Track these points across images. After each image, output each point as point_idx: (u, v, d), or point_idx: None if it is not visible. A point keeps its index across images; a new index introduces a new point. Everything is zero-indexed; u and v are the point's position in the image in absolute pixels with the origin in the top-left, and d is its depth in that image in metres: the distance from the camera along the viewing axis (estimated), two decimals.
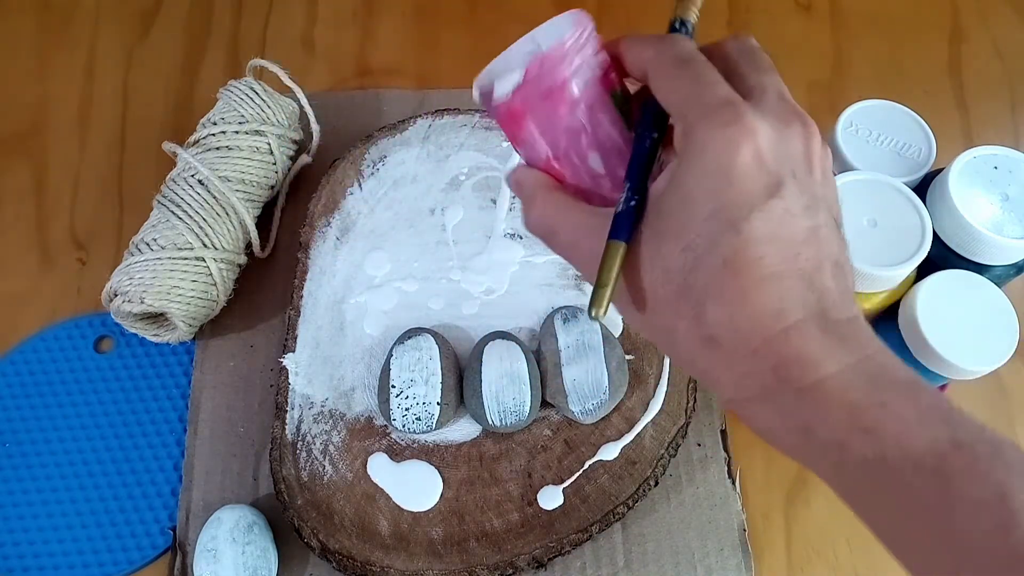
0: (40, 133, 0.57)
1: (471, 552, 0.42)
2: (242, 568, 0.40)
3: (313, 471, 0.44)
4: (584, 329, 0.46)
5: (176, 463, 0.46)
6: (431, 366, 0.44)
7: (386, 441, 0.45)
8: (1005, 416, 0.49)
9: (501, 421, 0.44)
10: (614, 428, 0.45)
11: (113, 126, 0.57)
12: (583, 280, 0.31)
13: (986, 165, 0.39)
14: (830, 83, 0.61)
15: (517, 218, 0.52)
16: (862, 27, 0.64)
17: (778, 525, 0.45)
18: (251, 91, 0.50)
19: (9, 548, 0.43)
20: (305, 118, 0.53)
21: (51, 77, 0.59)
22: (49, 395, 0.47)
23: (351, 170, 0.53)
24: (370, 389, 0.46)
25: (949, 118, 0.60)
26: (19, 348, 0.49)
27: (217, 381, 0.48)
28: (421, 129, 0.54)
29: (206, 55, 0.61)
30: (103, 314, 0.49)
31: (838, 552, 0.44)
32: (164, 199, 0.47)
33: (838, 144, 0.42)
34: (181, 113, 0.58)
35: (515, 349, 0.45)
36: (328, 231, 0.51)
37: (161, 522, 0.44)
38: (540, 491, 0.44)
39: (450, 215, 0.52)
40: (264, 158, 0.49)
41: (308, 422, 0.45)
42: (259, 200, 0.50)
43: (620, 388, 0.45)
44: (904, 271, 0.37)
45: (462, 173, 0.53)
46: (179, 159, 0.48)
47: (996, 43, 0.64)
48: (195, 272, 0.45)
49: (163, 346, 0.48)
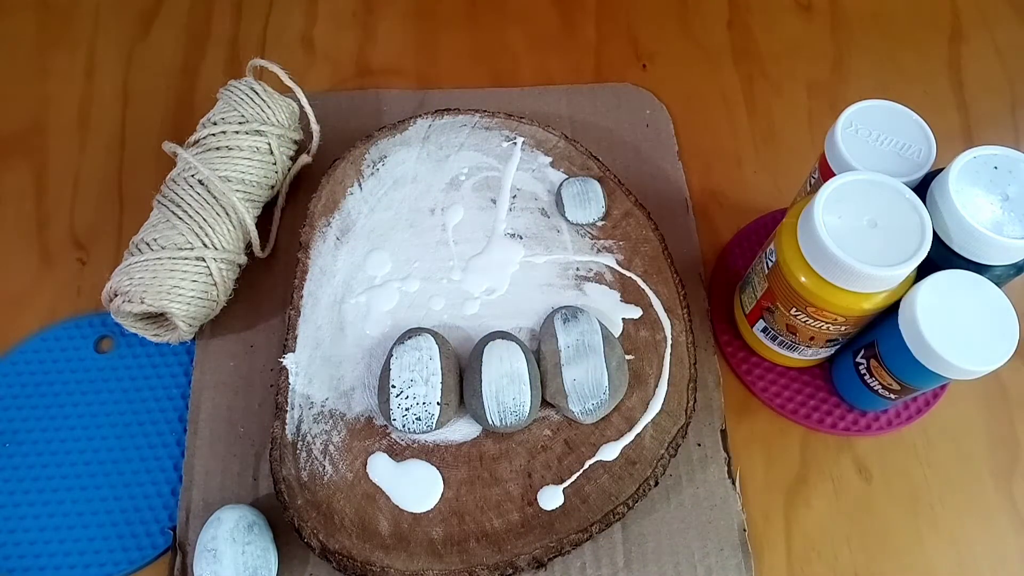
0: (40, 133, 0.57)
1: (471, 552, 0.42)
2: (242, 568, 0.40)
3: (313, 471, 0.44)
4: (584, 329, 0.46)
5: (176, 463, 0.46)
6: (431, 366, 0.45)
7: (386, 441, 0.45)
8: (1005, 416, 0.49)
9: (501, 421, 0.44)
10: (614, 428, 0.45)
11: (113, 126, 0.57)
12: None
13: (986, 165, 0.39)
14: (830, 83, 0.61)
15: (517, 218, 0.52)
16: (862, 27, 0.64)
17: (778, 525, 0.45)
18: (251, 91, 0.50)
19: (9, 548, 0.43)
20: (305, 118, 0.53)
21: (51, 77, 0.59)
22: (49, 395, 0.47)
23: (351, 170, 0.53)
24: (370, 389, 0.46)
25: (949, 118, 0.60)
26: (19, 348, 0.49)
27: (217, 381, 0.48)
28: (421, 129, 0.54)
29: (206, 55, 0.61)
30: (103, 314, 0.49)
31: (838, 552, 0.44)
32: (164, 199, 0.47)
33: (838, 144, 0.42)
34: (181, 113, 0.58)
35: (515, 349, 0.45)
36: (328, 231, 0.51)
37: (161, 522, 0.44)
38: (540, 491, 0.44)
39: (450, 215, 0.52)
40: (264, 158, 0.50)
41: (308, 422, 0.45)
42: (259, 200, 0.50)
43: (620, 388, 0.45)
44: (904, 271, 0.37)
45: (462, 173, 0.53)
46: (179, 159, 0.48)
47: (996, 43, 0.64)
48: (195, 272, 0.45)
49: (163, 346, 0.48)
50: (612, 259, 0.50)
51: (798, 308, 0.41)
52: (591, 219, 0.51)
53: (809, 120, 0.60)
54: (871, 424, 0.47)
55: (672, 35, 0.63)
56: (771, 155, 0.58)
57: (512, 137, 0.54)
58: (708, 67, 0.62)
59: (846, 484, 0.46)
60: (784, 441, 0.48)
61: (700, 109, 0.60)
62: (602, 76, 0.61)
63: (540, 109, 0.58)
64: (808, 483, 0.46)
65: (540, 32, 0.63)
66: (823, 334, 0.42)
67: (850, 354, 0.45)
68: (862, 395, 0.45)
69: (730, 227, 0.54)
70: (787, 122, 0.59)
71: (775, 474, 0.47)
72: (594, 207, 0.51)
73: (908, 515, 0.46)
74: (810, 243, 0.38)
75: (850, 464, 0.47)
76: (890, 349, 0.41)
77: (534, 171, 0.54)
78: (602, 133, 0.58)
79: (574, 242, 0.51)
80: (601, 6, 0.65)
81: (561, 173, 0.53)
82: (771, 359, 0.48)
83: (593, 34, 0.63)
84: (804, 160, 0.57)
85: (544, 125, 0.55)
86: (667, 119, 0.59)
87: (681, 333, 0.47)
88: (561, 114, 0.58)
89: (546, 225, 0.52)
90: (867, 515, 0.45)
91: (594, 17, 0.64)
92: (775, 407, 0.48)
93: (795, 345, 0.45)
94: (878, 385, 0.43)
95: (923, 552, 0.45)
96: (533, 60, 0.62)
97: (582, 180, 0.52)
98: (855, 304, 0.39)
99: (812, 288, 0.39)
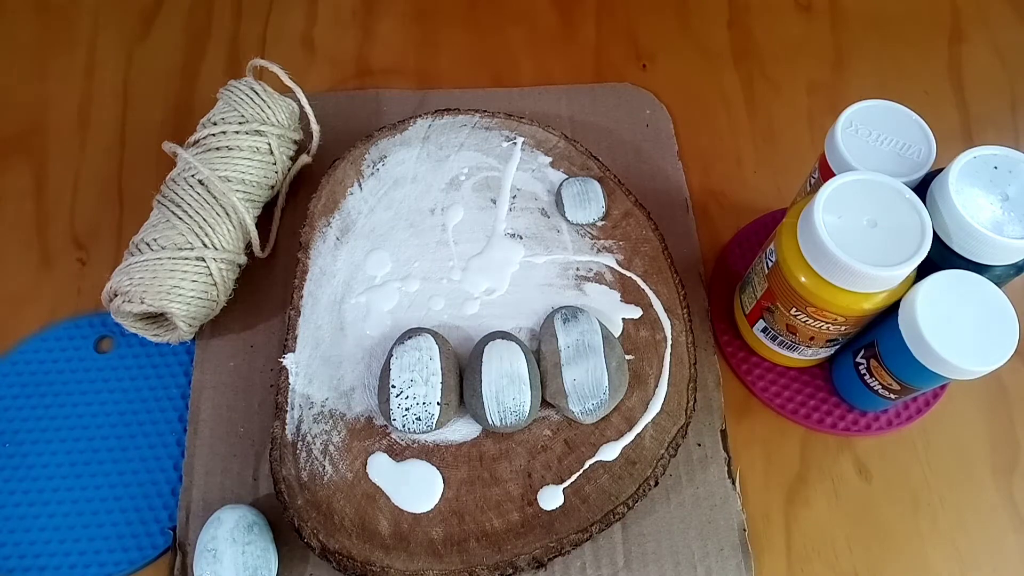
0: (40, 133, 0.57)
1: (471, 552, 0.42)
2: (242, 568, 0.40)
3: (313, 471, 0.44)
4: (584, 329, 0.46)
5: (176, 463, 0.46)
6: (431, 366, 0.44)
7: (386, 441, 0.45)
8: (1005, 416, 0.49)
9: (501, 421, 0.44)
10: (614, 428, 0.45)
11: (113, 126, 0.57)
12: None
13: (986, 165, 0.39)
14: (830, 83, 0.61)
15: (517, 218, 0.52)
16: (862, 27, 0.64)
17: (778, 525, 0.45)
18: (251, 91, 0.50)
19: (9, 548, 0.43)
20: (305, 118, 0.53)
21: (51, 77, 0.59)
22: (49, 395, 0.47)
23: (351, 170, 0.53)
24: (370, 389, 0.46)
25: (949, 118, 0.60)
26: (19, 348, 0.49)
27: (217, 381, 0.48)
28: (421, 129, 0.54)
29: (206, 55, 0.61)
30: (103, 314, 0.49)
31: (838, 552, 0.44)
32: (164, 199, 0.47)
33: (838, 144, 0.42)
34: (181, 113, 0.58)
35: (515, 349, 0.45)
36: (328, 231, 0.51)
37: (161, 522, 0.44)
38: (540, 491, 0.44)
39: (450, 215, 0.52)
40: (264, 158, 0.50)
41: (308, 422, 0.45)
42: (259, 200, 0.50)
43: (620, 388, 0.45)
44: (904, 271, 0.37)
45: (462, 173, 0.53)
46: (179, 159, 0.48)
47: (996, 43, 0.64)
48: (195, 272, 0.45)
49: (163, 346, 0.48)
50: (612, 259, 0.50)
51: (798, 308, 0.41)
52: (591, 219, 0.51)
53: (809, 120, 0.60)
54: (871, 424, 0.47)
55: (672, 35, 0.63)
56: (771, 155, 0.58)
57: (512, 137, 0.54)
58: (708, 67, 0.62)
59: (846, 484, 0.46)
60: (784, 441, 0.48)
61: (700, 109, 0.60)
62: (602, 76, 0.61)
63: (540, 109, 0.58)
64: (808, 483, 0.46)
65: (540, 32, 0.63)
66: (823, 334, 0.42)
67: (850, 354, 0.45)
68: (862, 395, 0.45)
69: (730, 227, 0.54)
70: (787, 122, 0.59)
71: (775, 474, 0.47)
72: (594, 207, 0.51)
73: (908, 515, 0.46)
74: (810, 243, 0.38)
75: (850, 464, 0.47)
76: (890, 349, 0.41)
77: (534, 171, 0.54)
78: (602, 133, 0.58)
79: (574, 242, 0.51)
80: (601, 6, 0.65)
81: (561, 173, 0.53)
82: (771, 359, 0.48)
83: (593, 34, 0.63)
84: (804, 160, 0.57)
85: (544, 125, 0.55)
86: (667, 119, 0.59)
87: (681, 333, 0.47)
88: (561, 114, 0.58)
89: (546, 225, 0.52)
90: (867, 515, 0.45)
91: (594, 17, 0.64)
92: (775, 407, 0.48)
93: (795, 345, 0.45)
94: (878, 385, 0.43)
95: (923, 552, 0.45)
96: (533, 60, 0.62)
97: (582, 180, 0.52)
98: (855, 304, 0.39)
99: (812, 288, 0.39)
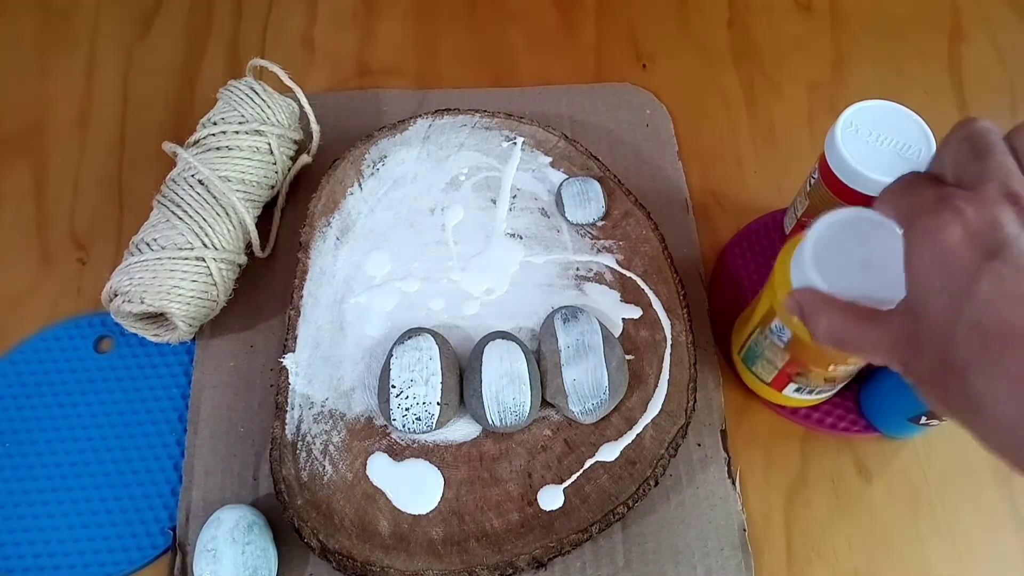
0: (40, 133, 0.57)
1: (471, 552, 0.42)
2: (242, 568, 0.40)
3: (313, 471, 0.44)
4: (584, 329, 0.46)
5: (176, 463, 0.46)
6: (431, 366, 0.44)
7: (386, 441, 0.45)
8: None
9: (501, 421, 0.44)
10: (614, 428, 0.45)
11: (113, 126, 0.57)
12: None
13: None
14: (830, 83, 0.61)
15: (517, 218, 0.52)
16: (862, 27, 0.64)
17: (778, 525, 0.45)
18: (251, 91, 0.50)
19: (9, 548, 0.43)
20: (305, 118, 0.53)
21: (51, 77, 0.59)
22: (49, 395, 0.47)
23: (351, 170, 0.53)
24: (370, 389, 0.46)
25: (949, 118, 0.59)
26: (19, 348, 0.49)
27: (217, 381, 0.48)
28: (421, 129, 0.54)
29: (206, 55, 0.61)
30: (103, 314, 0.49)
31: (838, 552, 0.44)
32: (164, 199, 0.47)
33: (838, 144, 0.42)
34: (181, 113, 0.58)
35: (515, 349, 0.45)
36: (328, 231, 0.51)
37: (161, 522, 0.44)
38: (540, 491, 0.44)
39: (450, 215, 0.52)
40: (264, 158, 0.50)
41: (308, 422, 0.45)
42: (259, 200, 0.50)
43: (620, 388, 0.45)
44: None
45: (462, 173, 0.53)
46: (179, 159, 0.48)
47: (996, 43, 0.64)
48: (195, 272, 0.45)
49: (163, 346, 0.48)
50: (612, 259, 0.50)
51: (836, 363, 0.40)
52: (591, 219, 0.51)
53: (809, 120, 0.59)
54: (871, 424, 0.47)
55: (672, 35, 0.63)
56: (771, 155, 0.58)
57: (512, 137, 0.54)
58: (708, 67, 0.62)
59: (846, 484, 0.46)
60: (784, 441, 0.48)
61: (700, 109, 0.60)
62: (602, 76, 0.61)
63: (540, 109, 0.58)
64: (808, 483, 0.46)
65: (540, 32, 0.63)
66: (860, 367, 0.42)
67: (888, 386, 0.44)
68: (903, 427, 0.45)
69: (730, 227, 0.54)
70: (787, 122, 0.59)
71: (775, 474, 0.46)
72: (594, 207, 0.51)
73: (908, 515, 0.46)
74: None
75: (850, 464, 0.47)
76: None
77: (534, 171, 0.53)
78: (602, 133, 0.58)
79: (574, 242, 0.51)
80: (601, 6, 0.65)
81: (561, 173, 0.53)
82: (798, 404, 0.47)
83: (593, 34, 0.63)
84: (804, 160, 0.57)
85: (544, 125, 0.55)
86: (667, 119, 0.59)
87: (681, 333, 0.47)
88: (561, 114, 0.58)
89: (546, 225, 0.52)
90: (867, 515, 0.45)
91: (594, 17, 0.64)
92: (775, 407, 0.48)
93: (834, 387, 0.44)
94: (935, 422, 0.43)
95: (923, 552, 0.45)
96: (533, 60, 0.62)
97: (582, 180, 0.52)
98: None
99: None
